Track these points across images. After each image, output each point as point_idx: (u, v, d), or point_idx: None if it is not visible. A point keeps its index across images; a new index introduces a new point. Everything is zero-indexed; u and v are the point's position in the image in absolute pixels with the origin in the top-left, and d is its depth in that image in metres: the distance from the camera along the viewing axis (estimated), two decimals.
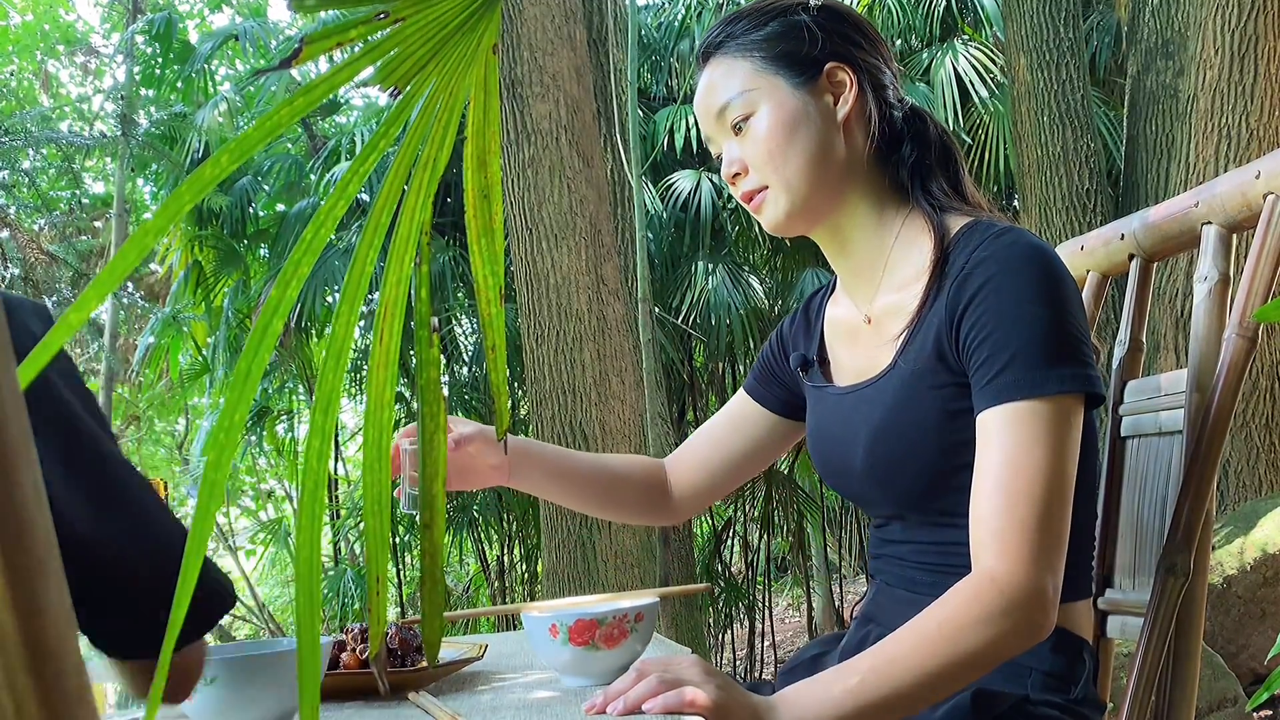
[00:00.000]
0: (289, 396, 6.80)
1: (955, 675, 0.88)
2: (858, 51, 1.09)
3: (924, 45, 6.15)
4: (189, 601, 0.33)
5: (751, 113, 1.06)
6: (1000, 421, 0.93)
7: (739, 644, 6.19)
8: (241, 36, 7.40)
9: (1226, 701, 2.85)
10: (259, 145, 0.34)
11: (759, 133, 1.06)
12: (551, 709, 0.93)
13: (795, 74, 1.06)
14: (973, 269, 0.97)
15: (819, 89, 1.07)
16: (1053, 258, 0.98)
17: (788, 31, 1.07)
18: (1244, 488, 3.73)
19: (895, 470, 1.03)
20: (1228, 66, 3.76)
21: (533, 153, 3.61)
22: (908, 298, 1.05)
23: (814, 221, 1.10)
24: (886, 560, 1.11)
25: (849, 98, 1.07)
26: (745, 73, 1.07)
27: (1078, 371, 0.93)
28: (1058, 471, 0.91)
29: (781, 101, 1.06)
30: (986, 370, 0.94)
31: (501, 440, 0.73)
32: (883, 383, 1.05)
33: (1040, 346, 0.93)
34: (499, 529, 5.97)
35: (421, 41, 0.39)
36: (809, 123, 1.05)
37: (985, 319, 0.95)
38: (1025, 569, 0.89)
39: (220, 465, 0.36)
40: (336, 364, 0.40)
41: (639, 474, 1.30)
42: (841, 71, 1.07)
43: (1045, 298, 0.94)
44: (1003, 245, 0.97)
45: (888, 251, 1.09)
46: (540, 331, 3.61)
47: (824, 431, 1.14)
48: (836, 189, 1.07)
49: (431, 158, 0.41)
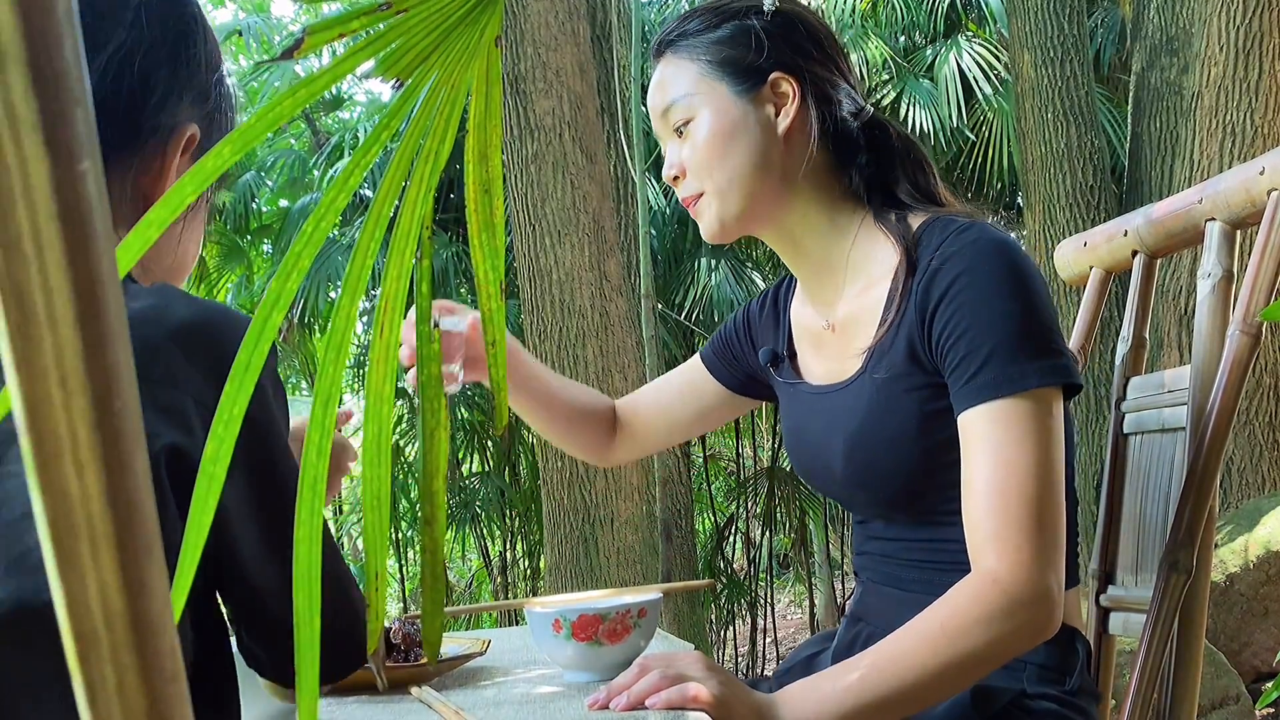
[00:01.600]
0: (292, 391, 6.81)
1: (958, 674, 0.88)
2: (807, 62, 1.06)
3: (928, 41, 6.14)
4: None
5: (692, 117, 1.06)
6: (984, 421, 0.92)
7: (741, 641, 6.19)
8: (245, 32, 7.40)
9: (1229, 699, 2.84)
10: (262, 136, 0.34)
11: (697, 139, 1.06)
12: (554, 704, 0.93)
13: (738, 81, 1.05)
14: (939, 266, 0.96)
15: (761, 98, 1.05)
16: (1018, 251, 0.97)
17: (736, 37, 1.06)
18: (1247, 485, 3.73)
19: (877, 475, 1.02)
20: (1232, 63, 3.75)
21: (536, 148, 3.61)
22: (870, 302, 1.04)
23: (751, 229, 1.09)
24: (870, 558, 1.11)
25: (790, 110, 1.05)
26: (691, 76, 1.07)
27: (1055, 363, 0.93)
28: (1047, 467, 0.91)
29: (721, 109, 1.05)
30: (964, 370, 0.93)
31: (501, 435, 0.72)
32: (855, 386, 1.04)
33: (1016, 342, 0.92)
34: (501, 525, 5.98)
35: (424, 33, 0.39)
36: (746, 133, 1.04)
37: (957, 318, 0.94)
38: (1028, 570, 0.88)
39: (219, 459, 0.35)
40: (337, 358, 0.39)
41: (596, 415, 1.32)
42: (786, 82, 1.05)
43: (1015, 292, 0.94)
44: (968, 242, 0.96)
45: (846, 253, 1.07)
46: (543, 327, 3.61)
47: (801, 433, 1.13)
48: (775, 198, 1.06)
49: (433, 150, 0.41)
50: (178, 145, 0.79)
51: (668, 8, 6.61)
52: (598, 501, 3.55)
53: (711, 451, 7.57)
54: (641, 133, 3.82)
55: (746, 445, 7.02)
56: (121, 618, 0.21)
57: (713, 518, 6.60)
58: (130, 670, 0.21)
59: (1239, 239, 1.11)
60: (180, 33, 0.79)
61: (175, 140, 0.78)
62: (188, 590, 0.33)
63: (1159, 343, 3.90)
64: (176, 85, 0.78)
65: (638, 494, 3.63)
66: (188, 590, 0.33)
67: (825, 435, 1.07)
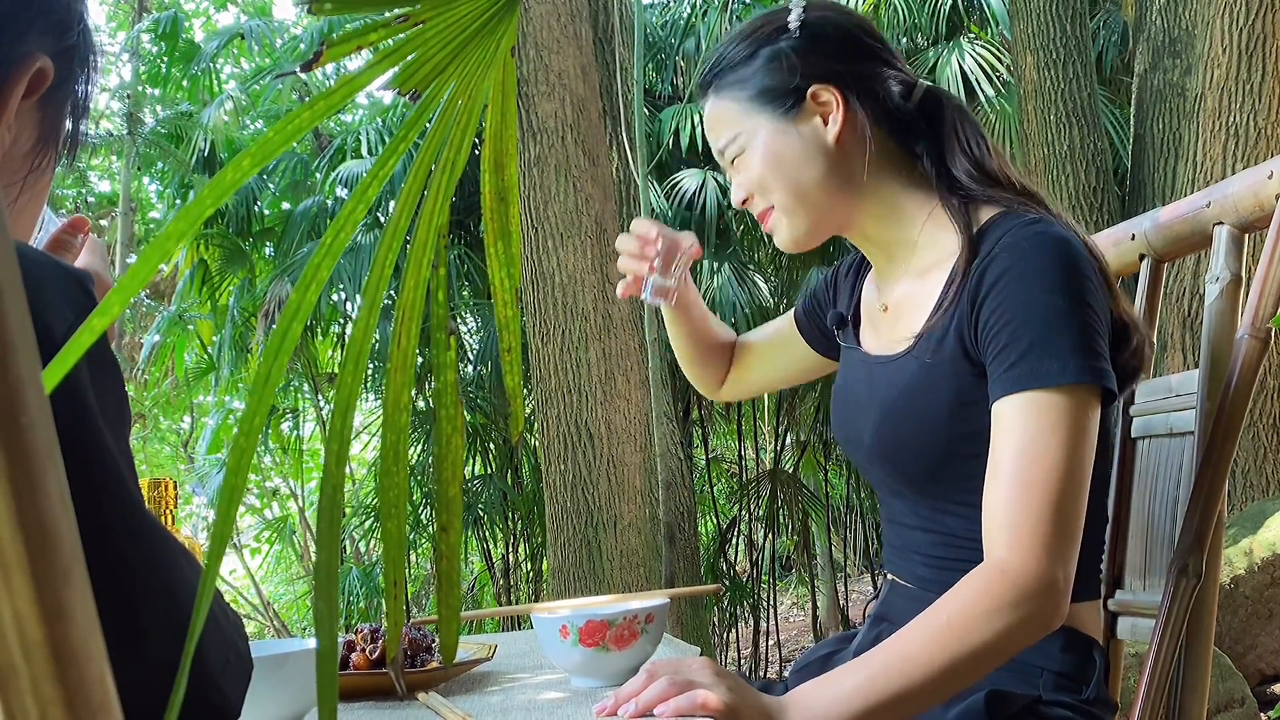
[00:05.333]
0: (294, 395, 6.81)
1: (967, 668, 0.87)
2: (843, 65, 1.08)
3: (930, 44, 6.14)
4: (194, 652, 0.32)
5: (743, 151, 1.11)
6: (1015, 411, 0.93)
7: (744, 643, 6.19)
8: (247, 35, 7.40)
9: (1234, 702, 2.84)
10: (281, 148, 0.34)
11: (752, 171, 1.10)
12: (561, 710, 0.92)
13: (778, 107, 1.08)
14: (995, 257, 0.97)
15: (805, 114, 1.08)
16: (1076, 248, 0.97)
17: (769, 64, 1.09)
18: (1251, 488, 3.72)
19: (901, 451, 1.04)
20: (1235, 65, 3.74)
21: (539, 151, 3.61)
22: (927, 287, 1.06)
23: (826, 235, 1.12)
24: (898, 552, 1.12)
25: (837, 117, 1.07)
26: (733, 115, 1.11)
27: (1095, 365, 0.93)
28: (1072, 462, 0.91)
29: (766, 140, 1.09)
30: (1003, 359, 0.94)
31: (516, 439, 0.73)
32: (900, 363, 1.06)
33: (1057, 337, 0.92)
34: (504, 528, 5.97)
35: (441, 44, 0.39)
36: (796, 153, 1.08)
37: (1003, 308, 0.95)
38: (1036, 560, 0.88)
39: (240, 470, 0.35)
40: (355, 367, 0.39)
41: (725, 351, 1.39)
42: (826, 91, 1.07)
43: (1064, 288, 0.94)
44: (1026, 235, 0.97)
45: (915, 239, 1.09)
46: (546, 330, 3.61)
47: (846, 392, 1.16)
48: (842, 204, 1.09)
49: (450, 160, 0.41)
50: (20, 79, 0.65)
51: (670, 10, 6.61)
52: (601, 504, 3.55)
53: (714, 454, 7.57)
54: (644, 135, 3.82)
55: (749, 448, 7.01)
56: (40, 648, 0.19)
57: (715, 520, 6.59)
58: (54, 703, 0.20)
59: (1247, 243, 1.11)
60: None
61: (17, 73, 0.65)
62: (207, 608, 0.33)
63: (1163, 346, 3.90)
64: (20, 10, 0.65)
65: (641, 497, 3.63)
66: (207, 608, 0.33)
67: (865, 402, 1.10)
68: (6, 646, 0.19)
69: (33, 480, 0.20)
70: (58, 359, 0.29)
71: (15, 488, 0.19)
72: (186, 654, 0.30)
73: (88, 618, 0.21)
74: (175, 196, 7.37)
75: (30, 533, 0.19)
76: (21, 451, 0.19)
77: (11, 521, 0.19)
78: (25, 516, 0.19)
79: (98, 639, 0.21)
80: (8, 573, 0.19)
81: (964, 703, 0.95)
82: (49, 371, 0.28)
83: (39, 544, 0.20)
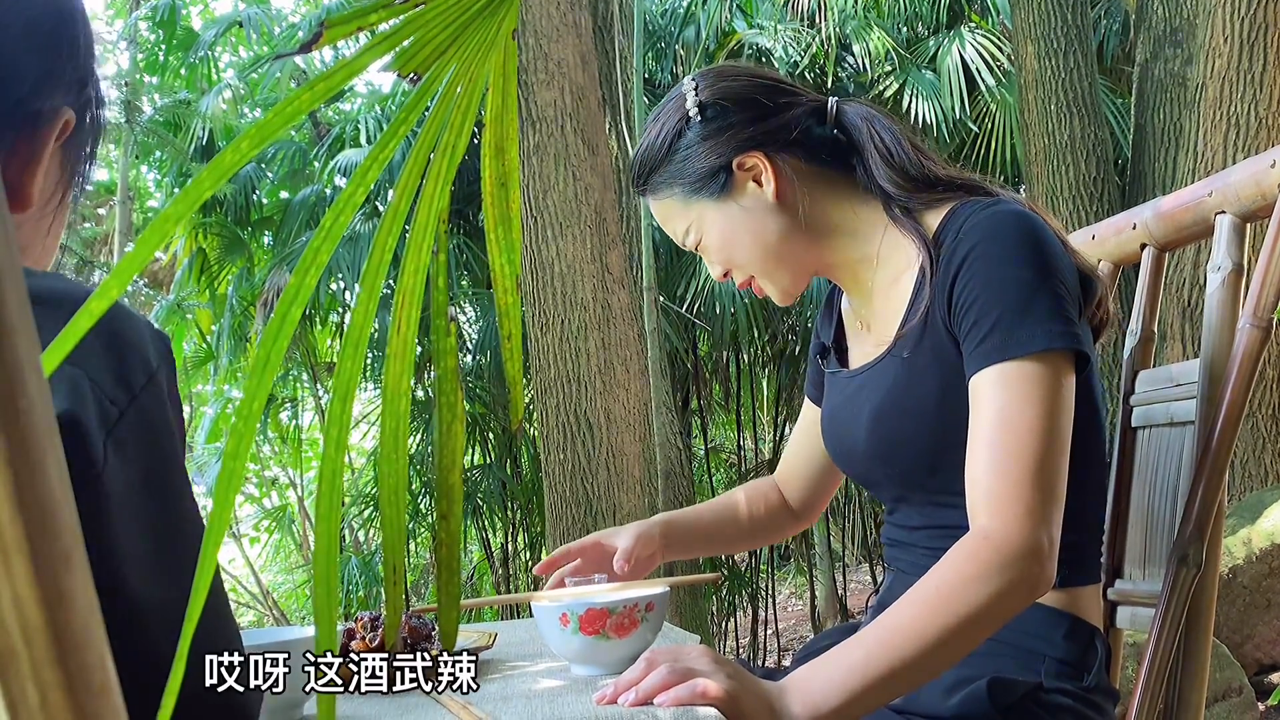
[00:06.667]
0: (293, 384, 6.81)
1: (958, 637, 0.87)
2: (754, 128, 1.09)
3: (931, 32, 6.13)
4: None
5: (700, 238, 1.14)
6: (990, 383, 0.94)
7: (742, 632, 6.20)
8: (245, 23, 7.38)
9: (1231, 691, 2.85)
10: (279, 131, 0.33)
11: (713, 252, 1.13)
12: (561, 698, 0.92)
13: (712, 190, 1.10)
14: (960, 241, 1.00)
15: (738, 186, 1.10)
16: (1035, 222, 0.99)
17: (687, 156, 1.11)
18: (1250, 478, 3.73)
19: (896, 447, 1.05)
20: (1237, 54, 3.73)
21: (538, 140, 3.60)
22: (897, 295, 1.08)
23: (810, 277, 1.15)
24: (900, 548, 1.13)
25: (769, 175, 1.09)
26: (676, 210, 1.14)
27: (1063, 329, 0.94)
28: (1049, 428, 0.92)
29: (716, 224, 1.11)
30: (974, 335, 0.96)
31: (516, 426, 0.72)
32: (881, 365, 1.08)
33: (1024, 306, 0.94)
34: (503, 517, 5.98)
35: (441, 26, 0.38)
36: (747, 226, 1.10)
37: (971, 285, 0.97)
38: (1019, 524, 0.89)
39: (239, 454, 0.35)
40: (355, 353, 0.39)
41: (764, 510, 1.37)
42: (749, 158, 1.09)
43: (1028, 260, 0.96)
44: (986, 216, 0.99)
45: (877, 249, 1.11)
46: (545, 320, 3.61)
47: (833, 415, 1.17)
48: (813, 246, 1.12)
49: (450, 144, 0.40)
50: (54, 131, 0.73)
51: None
52: (600, 494, 3.55)
53: (713, 444, 7.58)
54: (644, 125, 3.81)
55: (748, 438, 7.02)
56: (41, 632, 0.19)
57: None
58: (54, 687, 0.19)
59: (1249, 232, 1.11)
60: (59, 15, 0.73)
61: (51, 126, 0.73)
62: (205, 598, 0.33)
63: (1163, 335, 3.90)
64: (55, 71, 0.73)
65: (640, 486, 3.63)
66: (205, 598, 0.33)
67: (853, 413, 1.11)
68: (7, 631, 0.19)
69: (32, 463, 0.19)
70: (54, 345, 0.29)
71: (14, 471, 0.19)
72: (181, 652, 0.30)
73: (88, 602, 0.20)
74: (173, 185, 7.36)
75: (30, 516, 0.19)
76: (21, 434, 0.19)
77: (11, 505, 0.19)
78: (25, 500, 0.19)
79: (98, 623, 0.21)
80: (7, 557, 0.19)
81: (966, 690, 0.96)
82: (48, 355, 0.28)
83: (39, 528, 0.19)
